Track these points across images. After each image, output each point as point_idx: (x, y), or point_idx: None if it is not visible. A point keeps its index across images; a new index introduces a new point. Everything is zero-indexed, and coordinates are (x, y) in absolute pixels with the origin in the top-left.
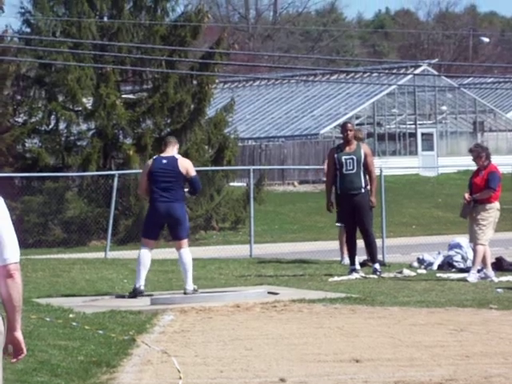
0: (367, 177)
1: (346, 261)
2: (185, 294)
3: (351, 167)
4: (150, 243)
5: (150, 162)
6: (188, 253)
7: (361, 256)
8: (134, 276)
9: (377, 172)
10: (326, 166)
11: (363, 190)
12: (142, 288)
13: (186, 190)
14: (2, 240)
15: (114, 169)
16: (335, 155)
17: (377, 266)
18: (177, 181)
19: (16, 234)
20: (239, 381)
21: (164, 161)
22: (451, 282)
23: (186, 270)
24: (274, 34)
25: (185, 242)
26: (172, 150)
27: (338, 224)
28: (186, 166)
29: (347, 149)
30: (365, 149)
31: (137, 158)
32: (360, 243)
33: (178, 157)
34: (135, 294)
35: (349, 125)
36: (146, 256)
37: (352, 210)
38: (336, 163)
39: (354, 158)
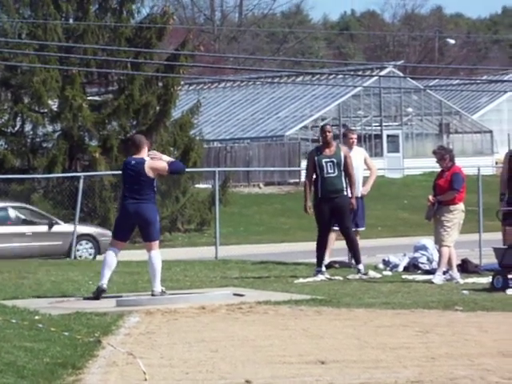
0: (347, 179)
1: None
2: (152, 295)
3: (332, 170)
4: (119, 244)
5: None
6: (158, 255)
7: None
8: (98, 278)
9: None
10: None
11: (344, 193)
12: (105, 286)
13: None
14: None
15: (79, 171)
16: (315, 158)
17: (360, 266)
18: (146, 182)
19: None
20: (205, 383)
21: (133, 162)
22: (417, 283)
23: (154, 271)
24: (239, 36)
25: (155, 243)
26: (144, 152)
27: (335, 228)
28: (155, 166)
29: (327, 151)
30: (344, 151)
31: (102, 160)
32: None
33: (147, 159)
34: (98, 292)
35: (327, 126)
36: (112, 257)
37: (331, 213)
38: (316, 166)
39: (335, 161)
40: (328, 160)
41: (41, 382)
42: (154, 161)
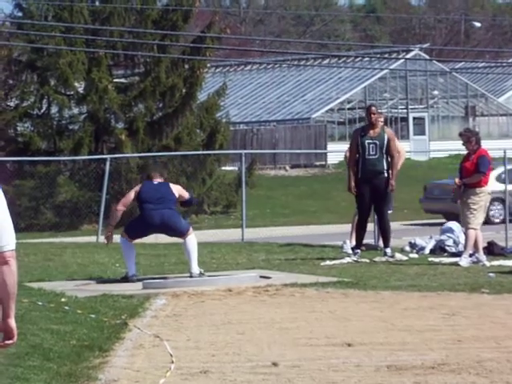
0: (389, 161)
1: (347, 246)
2: (190, 277)
3: (374, 152)
4: (130, 240)
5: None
6: (193, 238)
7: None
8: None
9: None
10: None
11: (385, 175)
12: (135, 278)
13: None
14: None
15: (105, 153)
16: (359, 138)
17: (388, 249)
18: (169, 197)
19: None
20: (231, 365)
21: (155, 182)
22: (443, 266)
23: (190, 253)
24: (265, 19)
25: (189, 231)
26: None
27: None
28: (179, 187)
29: (371, 133)
30: (388, 133)
31: (128, 143)
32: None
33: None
34: (127, 280)
35: (373, 108)
36: (128, 245)
37: (371, 194)
38: (359, 146)
39: (378, 142)
40: (371, 141)
41: (67, 365)
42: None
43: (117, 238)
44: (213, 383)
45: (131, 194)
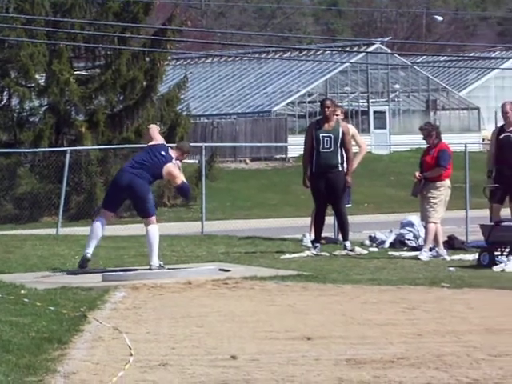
0: (344, 155)
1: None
2: (150, 269)
3: (328, 145)
4: (106, 215)
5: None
6: (154, 229)
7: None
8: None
9: None
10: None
11: (339, 169)
12: (89, 256)
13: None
14: None
15: (66, 145)
16: (313, 132)
17: (347, 243)
18: (153, 172)
19: None
20: (190, 358)
21: (163, 152)
22: (403, 260)
23: (150, 246)
24: (226, 11)
25: (151, 219)
26: (174, 153)
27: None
28: (174, 173)
29: (326, 126)
30: (343, 127)
31: (89, 135)
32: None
33: (173, 161)
34: (82, 261)
35: (327, 101)
36: (99, 227)
37: (326, 188)
38: (313, 140)
39: (332, 136)
40: (326, 135)
41: (26, 357)
42: (176, 168)
43: None
44: (172, 376)
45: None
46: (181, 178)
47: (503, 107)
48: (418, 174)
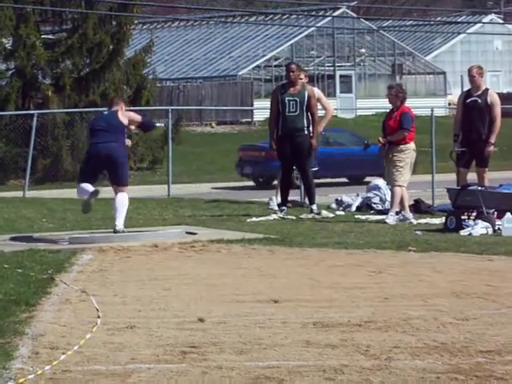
0: (310, 118)
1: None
2: (114, 232)
3: (294, 109)
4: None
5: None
6: (124, 195)
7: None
8: (52, 216)
9: None
10: None
11: (305, 132)
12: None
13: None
14: None
15: (32, 109)
16: (279, 96)
17: (314, 206)
18: (117, 128)
19: None
20: (157, 320)
21: (105, 112)
22: (370, 223)
23: (119, 208)
24: None
25: (126, 188)
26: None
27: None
28: (129, 114)
29: (291, 90)
30: (309, 90)
31: (55, 98)
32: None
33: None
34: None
35: (292, 66)
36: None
37: (292, 152)
38: (279, 104)
39: (298, 99)
40: (291, 98)
41: None
42: (129, 112)
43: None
44: (139, 338)
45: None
46: (139, 116)
47: (470, 71)
48: (381, 138)
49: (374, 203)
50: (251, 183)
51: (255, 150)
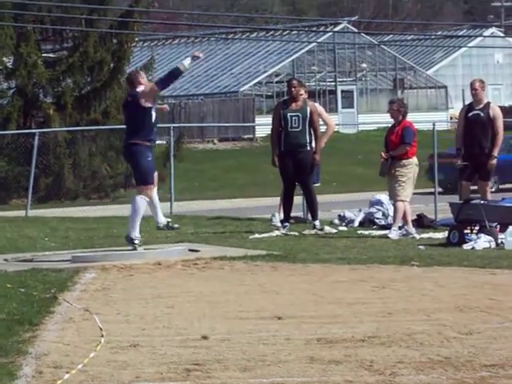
0: (312, 134)
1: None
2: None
3: (296, 125)
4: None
5: None
6: (138, 201)
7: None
8: (55, 234)
9: None
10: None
11: (308, 148)
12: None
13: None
14: None
15: (34, 127)
16: (281, 111)
17: (316, 222)
18: (141, 116)
19: None
20: (161, 338)
21: (129, 98)
22: (372, 238)
23: (131, 215)
24: None
25: (141, 188)
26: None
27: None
28: (144, 90)
29: (293, 105)
30: (311, 106)
31: (57, 117)
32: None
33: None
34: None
35: (294, 81)
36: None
37: (294, 167)
38: (281, 120)
39: (300, 115)
40: (293, 114)
41: None
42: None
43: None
44: (143, 357)
45: None
46: (151, 84)
47: (472, 85)
48: (383, 153)
49: (377, 218)
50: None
51: (443, 157)
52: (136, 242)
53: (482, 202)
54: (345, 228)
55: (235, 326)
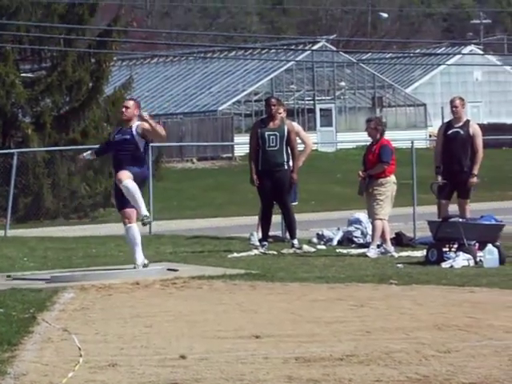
0: (289, 153)
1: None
2: (134, 267)
3: (274, 144)
4: (126, 213)
5: None
6: (129, 229)
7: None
8: (33, 254)
9: None
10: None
11: (285, 167)
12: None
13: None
14: None
15: (13, 147)
16: (258, 130)
17: (295, 241)
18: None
19: None
20: (139, 358)
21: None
22: (351, 257)
23: (129, 244)
24: (171, 11)
25: (125, 212)
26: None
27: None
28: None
29: (271, 124)
30: (288, 125)
31: (35, 137)
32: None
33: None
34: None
35: (272, 100)
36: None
37: (272, 186)
38: (258, 138)
39: (278, 134)
40: (271, 133)
41: None
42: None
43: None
44: (121, 376)
45: None
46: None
47: (452, 102)
48: (361, 172)
49: (355, 237)
50: None
51: None
52: (146, 262)
53: (461, 219)
54: (323, 247)
55: (213, 345)
